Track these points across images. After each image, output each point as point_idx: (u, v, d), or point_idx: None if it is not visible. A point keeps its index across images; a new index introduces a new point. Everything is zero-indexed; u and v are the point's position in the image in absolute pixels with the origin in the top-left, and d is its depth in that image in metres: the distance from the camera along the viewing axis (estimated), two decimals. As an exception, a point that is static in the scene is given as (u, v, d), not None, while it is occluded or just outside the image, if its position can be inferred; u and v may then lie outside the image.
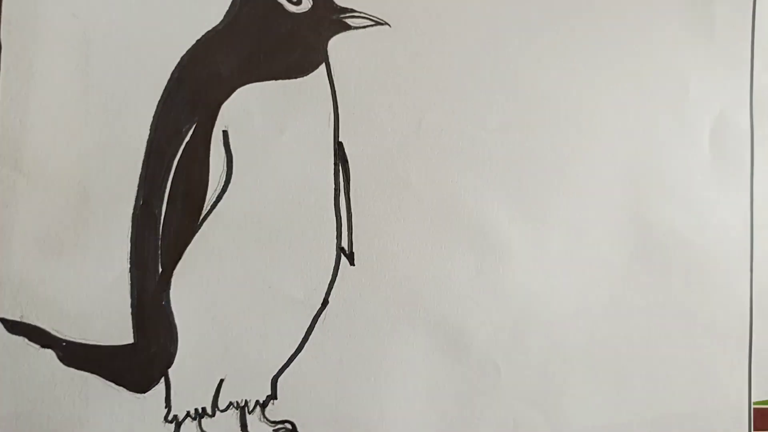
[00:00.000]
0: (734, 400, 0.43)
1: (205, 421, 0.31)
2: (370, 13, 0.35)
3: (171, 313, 0.31)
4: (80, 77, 0.29)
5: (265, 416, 0.32)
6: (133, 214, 0.30)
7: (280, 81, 0.33)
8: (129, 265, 0.30)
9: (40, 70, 0.29)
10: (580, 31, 0.40)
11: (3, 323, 0.28)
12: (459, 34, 0.37)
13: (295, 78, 0.33)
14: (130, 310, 0.30)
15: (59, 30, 0.29)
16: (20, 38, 0.28)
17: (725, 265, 0.43)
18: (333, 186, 0.34)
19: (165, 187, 0.31)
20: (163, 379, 0.30)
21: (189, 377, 0.31)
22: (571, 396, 0.39)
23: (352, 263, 0.34)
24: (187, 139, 0.31)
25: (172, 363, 0.31)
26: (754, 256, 0.44)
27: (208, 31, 0.31)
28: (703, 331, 0.42)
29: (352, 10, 0.35)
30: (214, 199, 0.32)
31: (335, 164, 0.34)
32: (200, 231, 0.31)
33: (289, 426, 0.32)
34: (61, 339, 0.29)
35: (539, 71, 0.39)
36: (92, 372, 0.29)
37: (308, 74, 0.33)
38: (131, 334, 0.30)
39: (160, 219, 0.31)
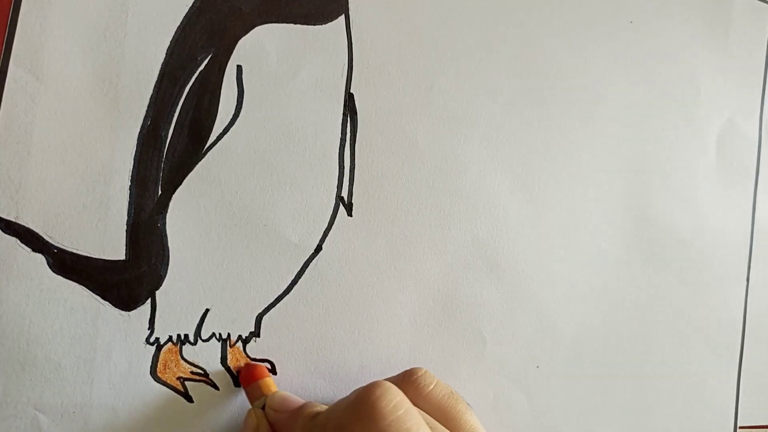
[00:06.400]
0: (721, 406, 0.43)
1: (186, 349, 0.31)
2: (394, -28, 0.35)
3: (165, 235, 0.31)
4: (104, -7, 0.30)
5: (246, 352, 0.32)
6: (139, 133, 0.30)
7: (299, 25, 0.33)
8: (129, 183, 0.30)
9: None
10: (598, 19, 0.40)
11: (-3, 222, 0.28)
12: (480, 9, 0.38)
13: (314, 25, 0.34)
14: (125, 226, 0.30)
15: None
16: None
17: (721, 270, 0.43)
18: (339, 135, 0.34)
19: (174, 112, 0.31)
20: (149, 301, 0.30)
21: (176, 302, 0.31)
22: (555, 380, 0.39)
23: (349, 214, 0.34)
24: (202, 68, 0.31)
25: (160, 285, 0.31)
26: (752, 265, 0.44)
27: (234, -34, 0.32)
28: (694, 332, 0.42)
29: (377, -33, 0.35)
30: (220, 131, 0.32)
31: (344, 114, 0.34)
32: (203, 160, 0.32)
33: (268, 365, 0.32)
34: (53, 245, 0.29)
35: (553, 54, 0.39)
36: (80, 283, 0.29)
37: (327, 23, 0.34)
38: (123, 251, 0.30)
39: (165, 142, 0.31)
